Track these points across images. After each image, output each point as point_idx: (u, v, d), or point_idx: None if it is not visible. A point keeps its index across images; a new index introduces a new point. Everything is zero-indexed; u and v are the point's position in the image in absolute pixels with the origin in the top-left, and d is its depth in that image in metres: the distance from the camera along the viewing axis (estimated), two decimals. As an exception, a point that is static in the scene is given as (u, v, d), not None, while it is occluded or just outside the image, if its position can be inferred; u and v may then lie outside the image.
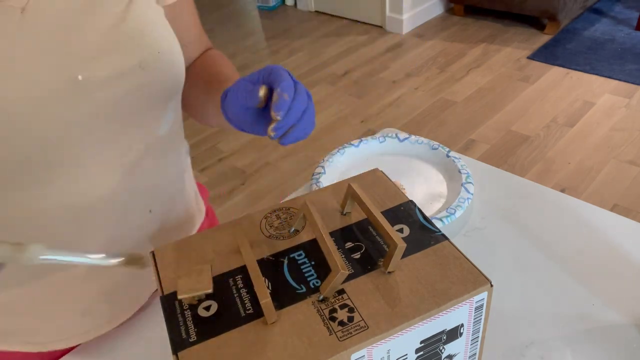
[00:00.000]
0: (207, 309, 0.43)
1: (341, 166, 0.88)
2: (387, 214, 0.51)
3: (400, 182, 0.82)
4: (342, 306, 0.42)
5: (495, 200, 0.80)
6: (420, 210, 0.51)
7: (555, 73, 2.78)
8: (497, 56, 3.00)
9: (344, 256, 0.47)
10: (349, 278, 0.44)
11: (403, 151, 0.90)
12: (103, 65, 0.51)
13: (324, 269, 0.45)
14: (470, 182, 0.78)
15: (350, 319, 0.41)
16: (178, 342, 0.40)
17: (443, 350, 0.45)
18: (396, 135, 0.91)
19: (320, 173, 0.84)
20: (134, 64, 0.53)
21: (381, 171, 0.58)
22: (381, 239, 0.48)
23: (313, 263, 0.46)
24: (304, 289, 0.44)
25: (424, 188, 0.82)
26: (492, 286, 0.44)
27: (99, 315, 0.64)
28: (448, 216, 0.73)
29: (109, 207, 0.57)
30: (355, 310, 0.42)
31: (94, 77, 0.50)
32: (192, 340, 0.40)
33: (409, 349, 0.43)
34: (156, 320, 0.67)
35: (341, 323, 0.41)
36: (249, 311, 0.42)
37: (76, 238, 0.56)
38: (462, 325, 0.45)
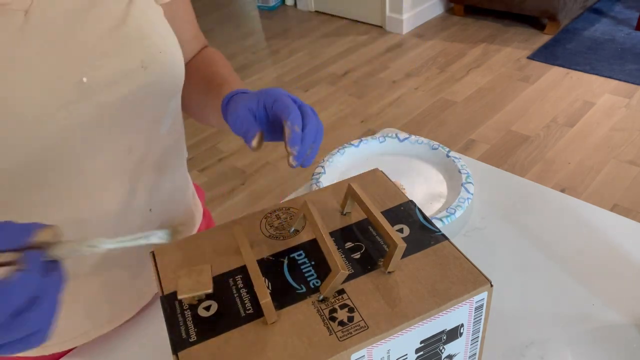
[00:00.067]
0: (207, 309, 0.43)
1: (341, 166, 0.88)
2: (387, 214, 0.51)
3: (400, 182, 0.82)
4: (342, 306, 0.42)
5: (495, 200, 0.80)
6: (420, 210, 0.51)
7: (555, 73, 2.78)
8: (497, 56, 3.00)
9: (344, 256, 0.47)
10: (349, 278, 0.44)
11: (403, 151, 0.90)
12: (107, 67, 0.51)
13: (324, 269, 0.45)
14: (470, 182, 0.78)
15: (350, 319, 0.41)
16: (178, 342, 0.40)
17: (443, 350, 0.45)
18: (396, 135, 0.91)
19: (320, 173, 0.84)
20: (136, 65, 0.53)
21: (381, 171, 0.58)
22: (381, 239, 0.48)
23: (313, 263, 0.46)
24: (304, 289, 0.44)
25: (424, 188, 0.82)
26: (492, 286, 0.44)
27: (99, 316, 0.64)
28: (448, 216, 0.73)
29: (109, 206, 0.57)
30: (355, 310, 0.42)
31: (98, 79, 0.50)
32: (192, 340, 0.40)
33: (409, 349, 0.43)
34: (156, 320, 0.67)
35: (341, 323, 0.41)
36: (249, 311, 0.42)
37: (77, 237, 0.56)
38: (462, 325, 0.45)
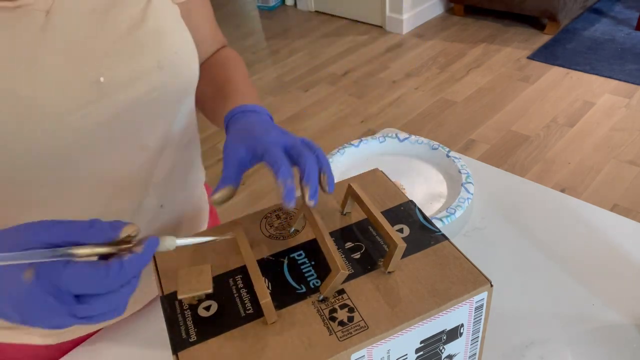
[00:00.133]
0: (207, 309, 0.43)
1: (341, 166, 0.88)
2: (387, 214, 0.51)
3: (400, 182, 0.82)
4: (342, 306, 0.42)
5: (495, 200, 0.80)
6: (420, 210, 0.51)
7: (555, 73, 2.78)
8: (497, 56, 3.00)
9: (344, 256, 0.47)
10: (349, 278, 0.44)
11: (403, 151, 0.90)
12: (123, 67, 0.51)
13: (324, 269, 0.45)
14: (470, 182, 0.78)
15: (350, 319, 0.41)
16: (178, 342, 0.40)
17: (443, 350, 0.45)
18: (396, 135, 0.91)
19: (320, 173, 0.83)
20: (152, 65, 0.54)
21: (381, 171, 0.58)
22: (381, 239, 0.48)
23: (313, 263, 0.46)
24: (304, 289, 0.44)
25: (424, 188, 0.82)
26: (492, 286, 0.44)
27: None
28: (448, 216, 0.73)
29: (122, 201, 0.58)
30: (355, 310, 0.42)
31: (115, 79, 0.51)
32: (192, 340, 0.40)
33: (409, 349, 0.43)
34: (156, 320, 0.67)
35: (341, 323, 0.41)
36: (249, 311, 0.42)
37: None
38: (462, 325, 0.45)
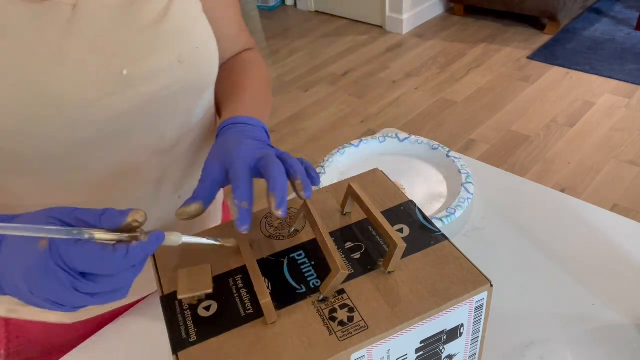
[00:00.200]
0: (207, 309, 0.43)
1: (341, 166, 0.88)
2: (387, 214, 0.51)
3: (400, 182, 0.82)
4: (342, 306, 0.42)
5: (495, 200, 0.80)
6: (420, 210, 0.51)
7: (555, 73, 2.78)
8: (497, 56, 3.00)
9: (344, 256, 0.47)
10: (349, 278, 0.44)
11: (403, 151, 0.90)
12: (146, 61, 0.52)
13: (324, 269, 0.45)
14: (470, 182, 0.78)
15: (350, 319, 0.41)
16: (178, 342, 0.40)
17: (443, 350, 0.45)
18: (396, 135, 0.91)
19: (320, 173, 0.84)
20: (173, 60, 0.54)
21: (381, 171, 0.58)
22: (381, 239, 0.48)
23: (313, 263, 0.46)
24: (304, 289, 0.44)
25: (424, 188, 0.82)
26: (492, 286, 0.44)
27: None
28: (448, 216, 0.73)
29: (140, 191, 0.59)
30: (355, 310, 0.42)
31: (137, 72, 0.52)
32: (192, 340, 0.40)
33: (409, 349, 0.43)
34: (156, 320, 0.67)
35: (341, 323, 0.41)
36: (249, 311, 0.42)
37: None
38: (462, 325, 0.45)
